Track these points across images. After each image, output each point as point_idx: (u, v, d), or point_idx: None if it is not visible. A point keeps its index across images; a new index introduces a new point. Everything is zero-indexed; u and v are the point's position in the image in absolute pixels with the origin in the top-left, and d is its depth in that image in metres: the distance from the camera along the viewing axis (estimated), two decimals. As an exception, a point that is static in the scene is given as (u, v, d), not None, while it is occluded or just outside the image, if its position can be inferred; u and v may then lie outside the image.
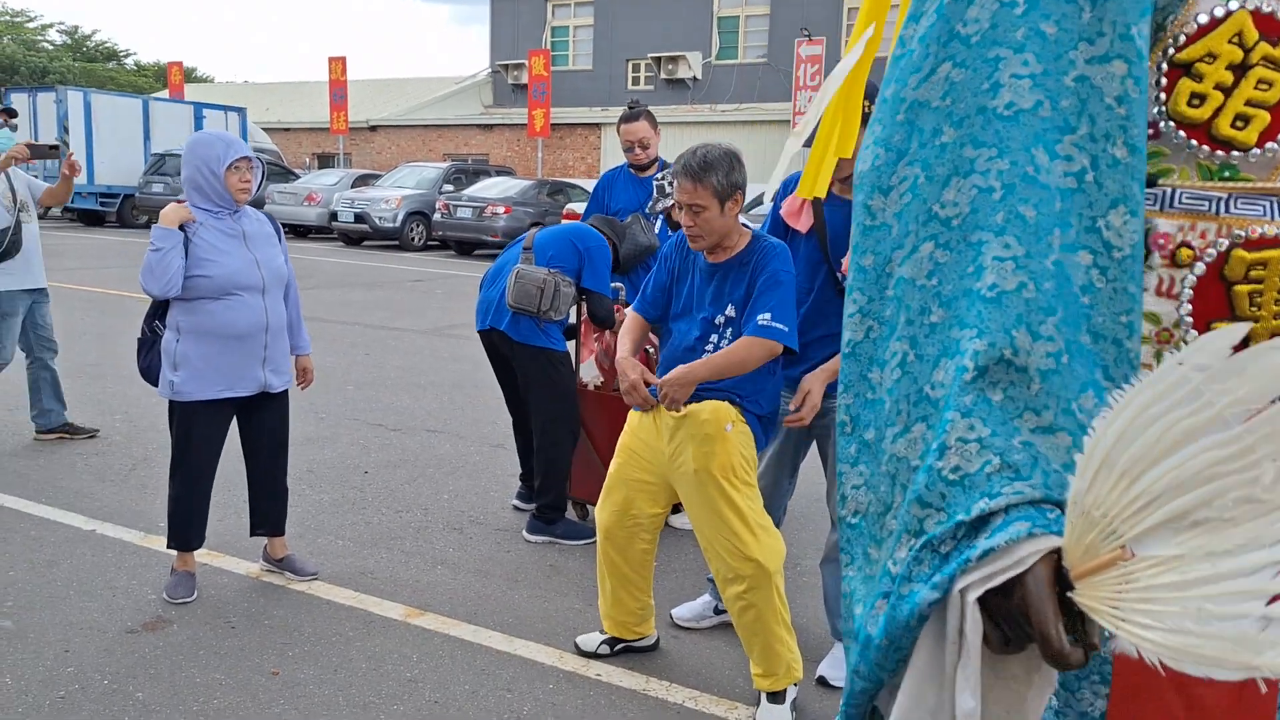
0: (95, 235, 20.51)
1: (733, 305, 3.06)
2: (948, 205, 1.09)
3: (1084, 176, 1.06)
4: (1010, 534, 0.92)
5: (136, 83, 47.27)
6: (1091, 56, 1.07)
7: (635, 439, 3.20)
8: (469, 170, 21.87)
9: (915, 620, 0.98)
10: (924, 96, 1.14)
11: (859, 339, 1.16)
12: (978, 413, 0.99)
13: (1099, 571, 0.88)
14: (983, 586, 0.92)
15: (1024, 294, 1.02)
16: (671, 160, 4.93)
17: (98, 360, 7.93)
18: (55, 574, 3.92)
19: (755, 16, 26.45)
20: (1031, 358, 1.00)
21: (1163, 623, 0.83)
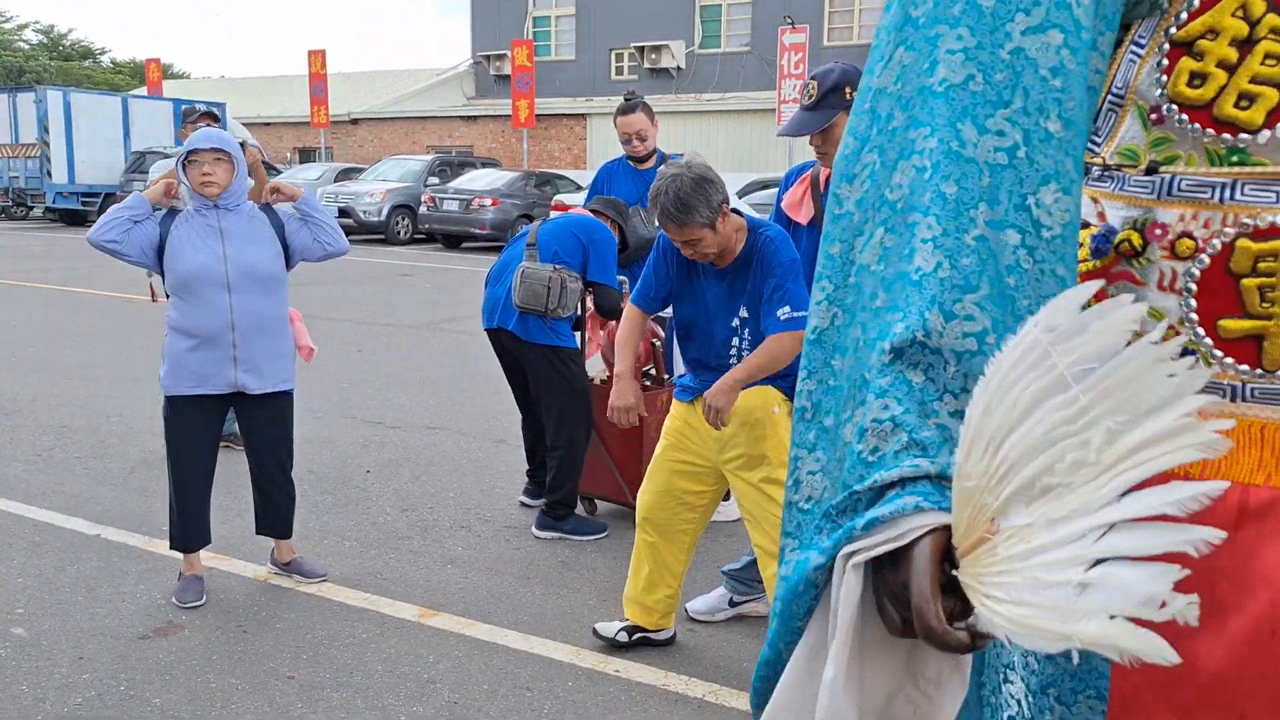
0: (78, 235, 20.32)
1: (744, 306, 3.10)
2: (894, 189, 1.06)
3: (1015, 152, 1.01)
4: (897, 506, 0.89)
5: (113, 80, 46.88)
6: (1027, 27, 1.02)
7: (683, 422, 3.24)
8: (454, 162, 21.79)
9: (804, 585, 0.96)
10: (883, 83, 1.11)
11: (824, 326, 1.13)
12: (893, 393, 0.96)
13: (976, 548, 0.84)
14: (864, 555, 0.89)
15: (939, 273, 0.98)
16: (669, 152, 4.92)
17: (90, 362, 7.86)
18: (63, 580, 3.89)
19: (738, 4, 26.39)
20: (944, 339, 0.96)
21: (1009, 595, 0.80)
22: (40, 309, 10.50)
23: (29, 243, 18.32)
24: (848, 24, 25.15)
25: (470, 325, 9.72)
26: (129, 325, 9.46)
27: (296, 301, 4.17)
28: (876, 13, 24.43)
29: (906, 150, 1.06)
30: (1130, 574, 0.76)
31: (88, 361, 7.87)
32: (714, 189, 2.96)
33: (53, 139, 21.42)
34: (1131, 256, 1.11)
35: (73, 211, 22.44)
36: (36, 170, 21.83)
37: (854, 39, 24.91)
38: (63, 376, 7.38)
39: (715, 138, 23.72)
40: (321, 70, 26.82)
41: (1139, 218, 1.10)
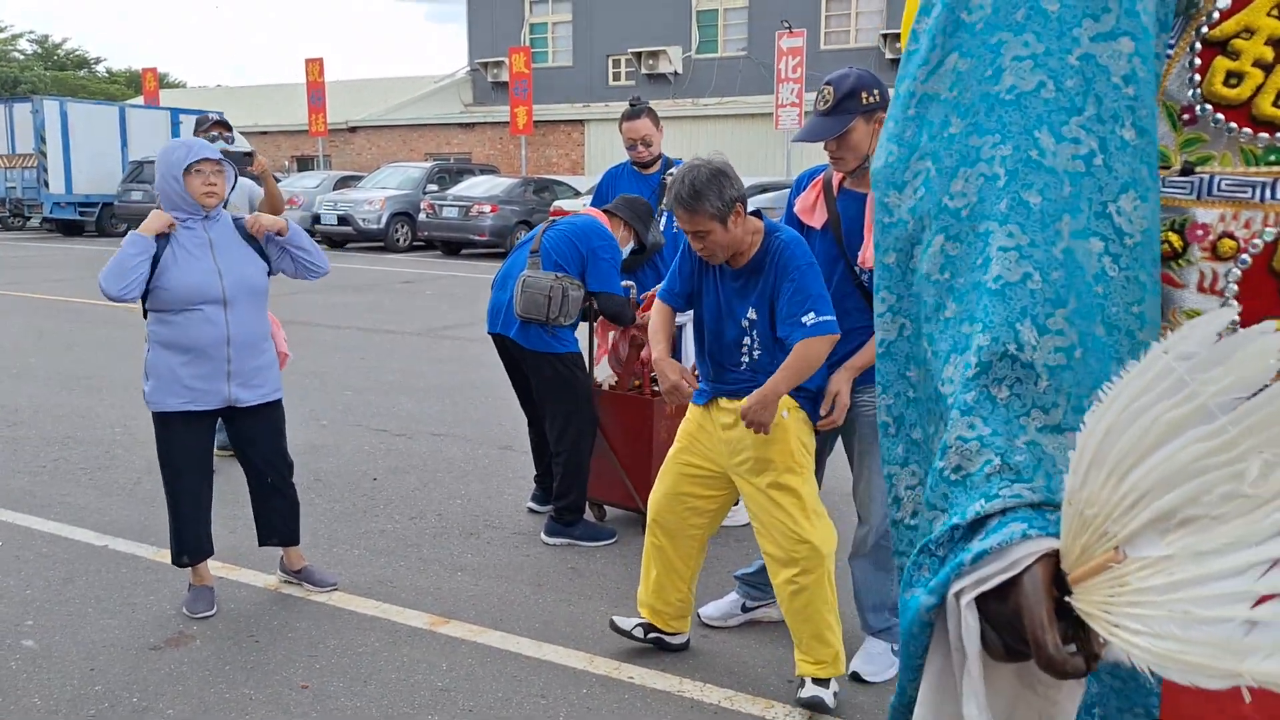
0: (75, 245, 20.33)
1: (754, 308, 3.09)
2: (956, 196, 1.06)
3: (1092, 160, 1.01)
4: (1004, 536, 0.88)
5: (108, 90, 46.88)
6: (1097, 34, 1.02)
7: (696, 426, 3.24)
8: (452, 169, 21.79)
9: (918, 627, 0.96)
10: (932, 89, 1.11)
11: (892, 338, 1.13)
12: (979, 410, 0.95)
13: (1094, 574, 0.84)
14: (976, 590, 0.89)
15: (1029, 285, 0.97)
16: (675, 157, 4.91)
17: (91, 372, 7.84)
18: (72, 591, 3.87)
19: (734, 9, 26.42)
20: (1038, 353, 0.95)
21: (1149, 628, 0.79)
22: (40, 319, 10.49)
23: (27, 253, 18.30)
24: (844, 28, 25.18)
25: (472, 332, 9.71)
26: (130, 334, 9.42)
27: (297, 310, 4.16)
28: (874, 16, 24.50)
29: (969, 158, 1.05)
30: None
31: (90, 372, 7.86)
32: (729, 184, 2.96)
33: (49, 149, 21.41)
34: (1171, 258, 1.09)
35: (70, 221, 22.43)
36: (34, 181, 21.82)
37: (851, 42, 24.94)
38: (65, 387, 7.36)
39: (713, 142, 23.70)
40: (319, 79, 26.83)
41: (1177, 219, 1.09)
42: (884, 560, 3.30)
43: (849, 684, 3.26)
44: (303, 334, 9.50)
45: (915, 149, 1.11)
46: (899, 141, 1.13)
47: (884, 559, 3.30)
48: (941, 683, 0.96)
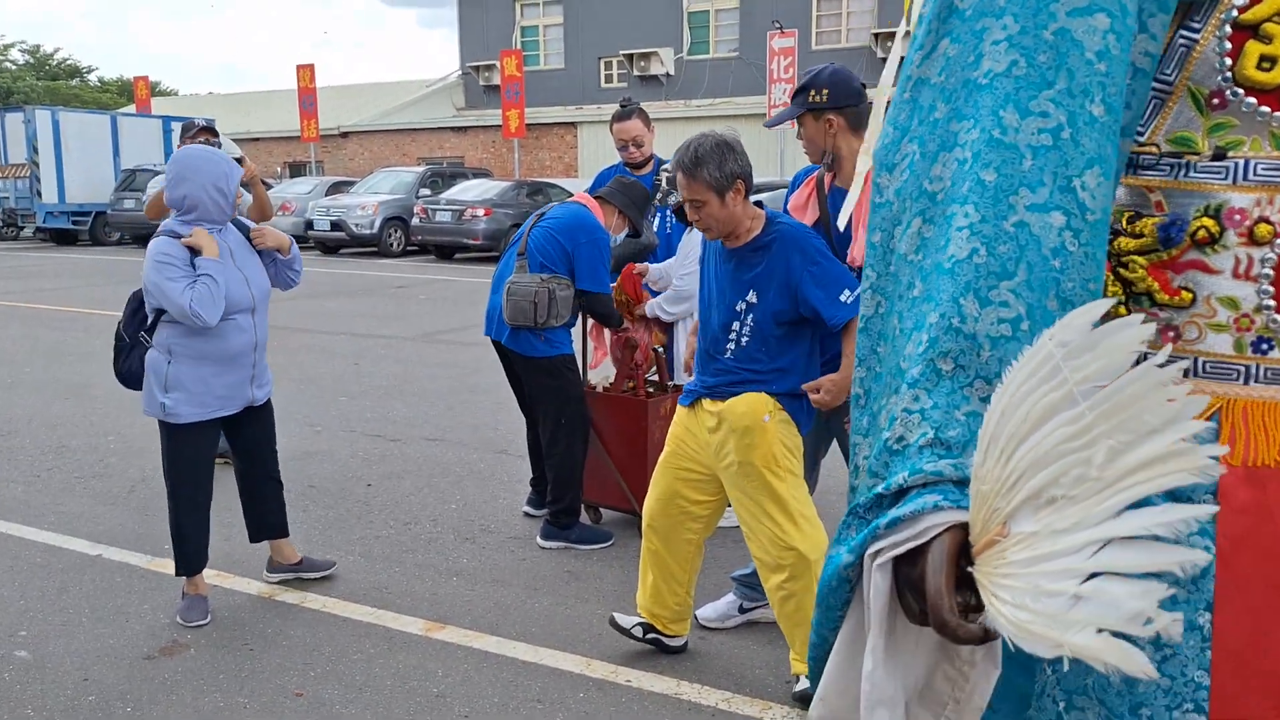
0: (69, 254, 20.28)
1: (754, 290, 3.02)
2: (934, 180, 1.08)
3: (1060, 133, 1.01)
4: (917, 505, 0.92)
5: (100, 99, 46.87)
6: (1073, 9, 1.03)
7: (684, 429, 3.21)
8: (445, 173, 21.77)
9: (836, 582, 1.00)
10: (925, 74, 1.13)
11: (870, 314, 1.15)
12: (924, 383, 0.99)
13: (988, 548, 0.89)
14: (890, 553, 0.94)
15: (974, 260, 1.00)
16: (667, 158, 4.90)
17: (86, 381, 7.81)
18: (66, 601, 3.85)
19: (725, 10, 26.43)
20: (980, 324, 0.98)
21: (1013, 598, 0.84)
22: (34, 329, 10.45)
23: (21, 263, 18.24)
24: (836, 27, 25.19)
25: (466, 336, 9.69)
26: (124, 343, 9.41)
27: (291, 317, 4.15)
28: (865, 16, 24.51)
29: (949, 143, 1.07)
30: (1120, 590, 0.80)
31: (84, 381, 7.83)
32: (733, 157, 2.95)
33: (42, 159, 21.37)
34: (1206, 244, 1.09)
35: (63, 231, 22.38)
36: (27, 190, 21.78)
37: (842, 42, 24.94)
38: (59, 396, 7.33)
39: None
40: (310, 84, 26.82)
41: (1211, 204, 1.09)
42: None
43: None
44: (296, 340, 9.48)
45: (906, 132, 1.13)
46: (894, 124, 1.15)
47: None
48: (855, 636, 1.01)
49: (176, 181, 3.55)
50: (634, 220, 4.39)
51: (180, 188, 3.55)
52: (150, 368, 3.59)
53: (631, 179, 4.49)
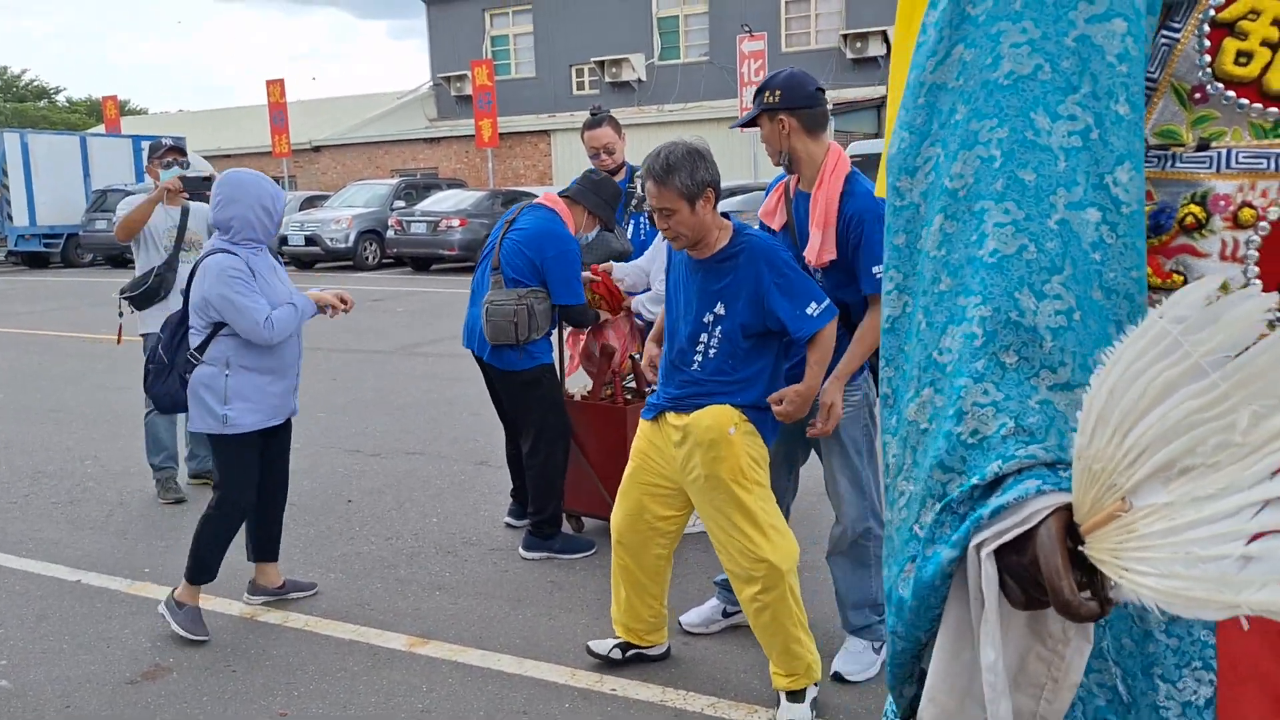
0: (42, 277, 20.12)
1: (721, 302, 3.01)
2: (955, 178, 1.12)
3: (1089, 135, 1.07)
4: (1019, 491, 0.95)
5: (70, 120, 46.51)
6: (1091, 15, 1.08)
7: (648, 443, 3.19)
8: (419, 185, 21.71)
9: (939, 580, 1.01)
10: (940, 79, 1.17)
11: (897, 314, 1.19)
12: (990, 377, 1.02)
13: (1104, 524, 0.91)
14: (995, 542, 0.96)
15: (1024, 256, 1.04)
16: (640, 164, 4.90)
17: (61, 405, 7.75)
18: (46, 628, 3.82)
19: (694, 15, 26.49)
20: (1039, 317, 1.02)
21: (1156, 569, 0.86)
22: (8, 353, 10.36)
23: (-8, 287, 18.06)
24: (805, 29, 25.30)
25: (445, 348, 9.67)
26: (99, 366, 9.35)
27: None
28: (833, 18, 24.63)
29: (969, 141, 1.11)
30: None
31: (59, 405, 7.77)
32: (704, 165, 2.95)
33: (12, 182, 21.18)
34: (1194, 229, 1.16)
35: (35, 254, 22.19)
36: None
37: (812, 44, 25.05)
38: (35, 421, 7.27)
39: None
40: (281, 99, 26.69)
41: (1198, 192, 1.15)
42: (862, 558, 3.31)
43: (831, 684, 3.26)
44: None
45: (926, 136, 1.17)
46: (910, 129, 1.19)
47: (862, 556, 3.31)
48: (959, 631, 1.03)
49: (226, 203, 3.63)
50: (604, 219, 4.37)
51: (229, 209, 3.62)
52: (202, 383, 3.65)
53: (601, 176, 4.46)
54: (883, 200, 3.20)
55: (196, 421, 3.71)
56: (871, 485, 3.29)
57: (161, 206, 5.23)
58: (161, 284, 5.19)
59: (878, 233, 3.13)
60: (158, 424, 5.32)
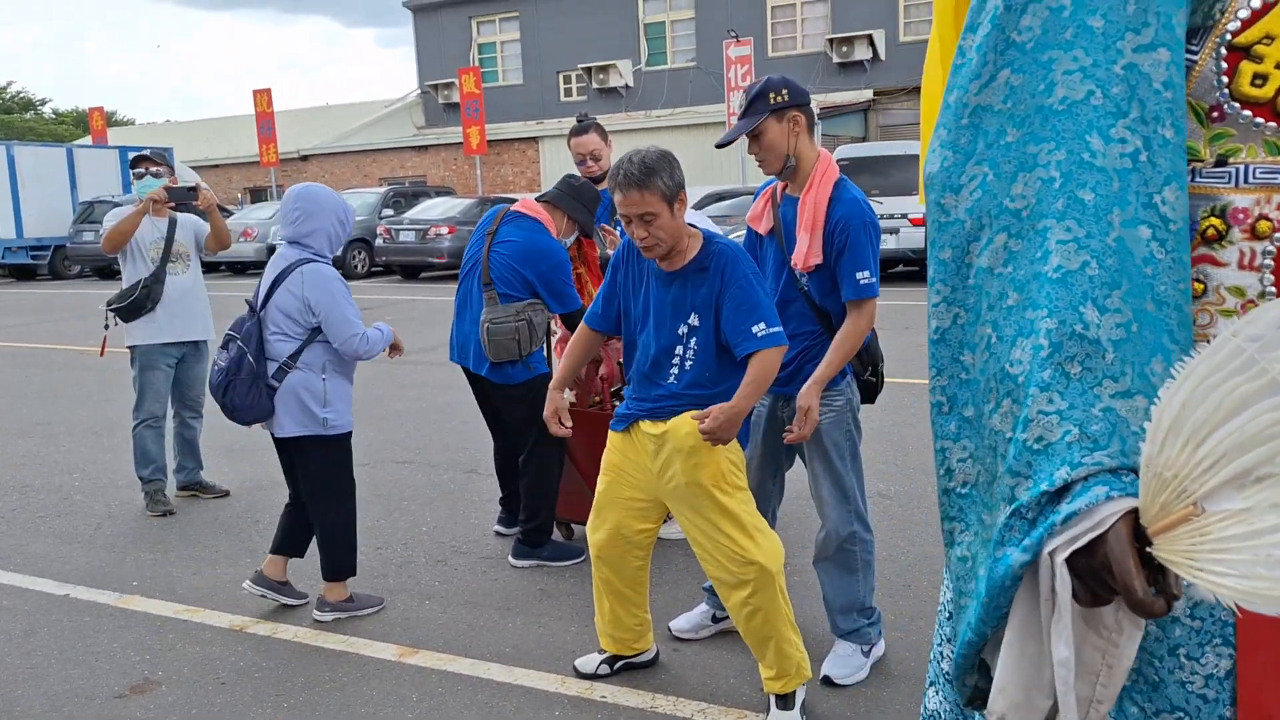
0: (29, 289, 20.05)
1: (696, 313, 2.99)
2: (1017, 198, 1.19)
3: (1138, 157, 1.14)
4: (1090, 498, 1.01)
5: (56, 131, 46.39)
6: (1138, 45, 1.16)
7: (622, 457, 3.16)
8: (408, 193, 21.71)
9: (1010, 581, 1.07)
10: (986, 101, 1.24)
11: (946, 325, 1.25)
12: (1055, 386, 1.08)
13: (1173, 527, 0.97)
14: (1069, 548, 1.01)
15: (1087, 271, 1.11)
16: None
17: (48, 418, 7.73)
18: (34, 644, 3.80)
19: (681, 21, 26.56)
20: (1101, 330, 1.08)
21: (1236, 570, 0.92)
22: None
23: (-21, 300, 17.99)
24: (791, 34, 25.37)
25: (434, 356, 9.66)
26: (86, 378, 9.32)
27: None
28: (819, 22, 24.70)
29: (1028, 164, 1.19)
30: None
31: (46, 418, 7.74)
32: (676, 168, 2.92)
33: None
34: (1215, 240, 1.24)
35: (22, 266, 22.10)
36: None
37: (798, 48, 25.13)
38: (22, 434, 7.25)
39: None
40: (268, 109, 26.66)
41: (1217, 205, 1.24)
42: (849, 562, 3.32)
43: (820, 688, 3.27)
44: (262, 367, 9.41)
45: (971, 155, 1.24)
46: (954, 148, 1.26)
47: (848, 561, 3.32)
48: (1024, 628, 1.09)
49: (305, 217, 3.81)
50: (583, 224, 4.38)
51: (310, 222, 3.82)
52: (300, 388, 3.80)
53: (581, 181, 4.47)
54: (870, 207, 3.22)
55: (290, 426, 3.81)
56: (856, 489, 3.30)
57: (149, 218, 5.22)
58: (149, 296, 5.18)
59: (864, 238, 3.14)
60: (146, 436, 5.30)
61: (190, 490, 5.58)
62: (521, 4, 28.28)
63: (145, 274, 5.20)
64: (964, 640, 1.16)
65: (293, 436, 3.84)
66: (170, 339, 5.29)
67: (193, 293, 5.37)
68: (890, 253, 14.68)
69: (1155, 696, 1.24)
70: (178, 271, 5.30)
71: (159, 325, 5.24)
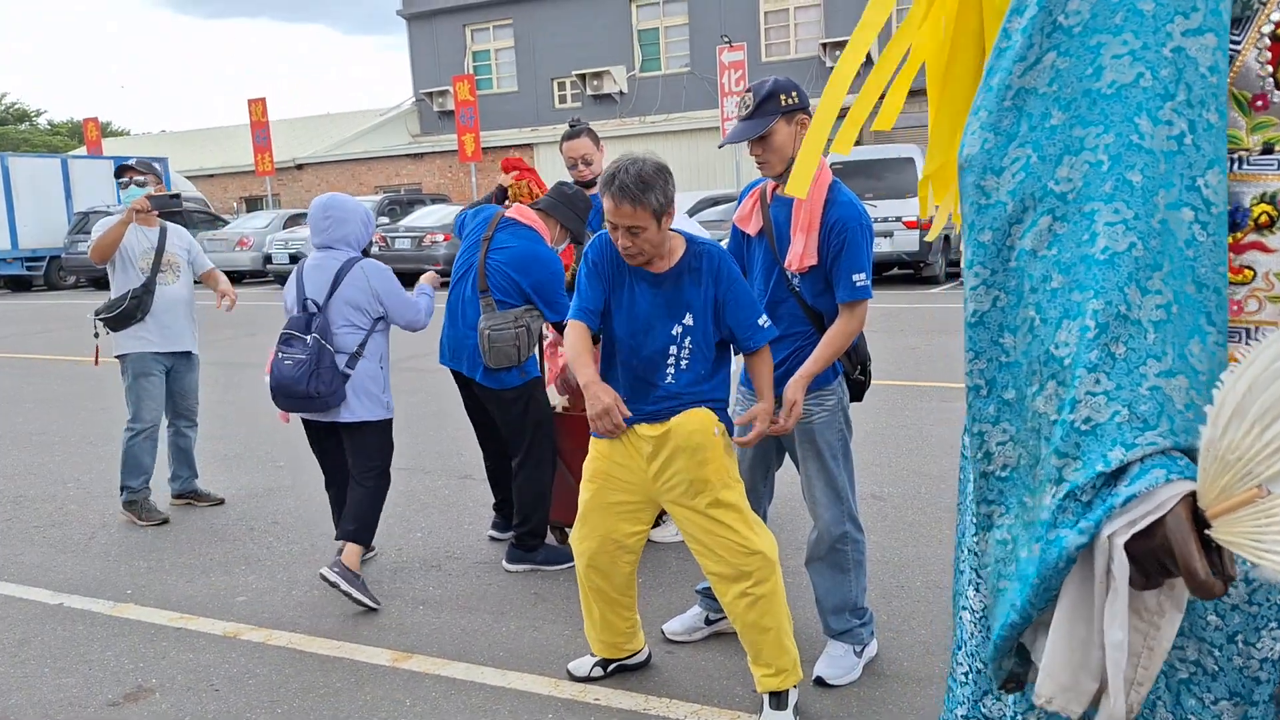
0: (25, 300, 20.04)
1: (690, 313, 3.00)
2: (1062, 181, 1.19)
3: (1183, 140, 1.15)
4: (1149, 481, 1.01)
5: (51, 142, 46.39)
6: (1187, 29, 1.17)
7: (609, 463, 3.13)
8: (403, 201, 21.74)
9: (1064, 563, 1.07)
10: (1030, 83, 1.24)
11: (985, 309, 1.24)
12: (1102, 367, 1.08)
13: (1234, 510, 0.97)
14: (1129, 531, 1.02)
15: (1133, 253, 1.11)
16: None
17: (41, 428, 7.72)
18: (27, 653, 3.80)
19: (674, 27, 26.62)
20: (1143, 311, 1.09)
21: None
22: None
23: (-26, 312, 17.99)
24: (784, 39, 25.43)
25: (428, 362, 9.65)
26: (81, 389, 9.31)
27: (250, 351, 4.14)
28: (812, 27, 24.75)
29: (1074, 147, 1.19)
30: None
31: (41, 428, 7.74)
32: (670, 183, 2.94)
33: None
34: (1266, 227, 1.26)
35: (17, 278, 22.10)
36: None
37: (791, 53, 25.18)
38: (16, 444, 7.24)
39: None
40: (263, 118, 26.67)
41: (1268, 192, 1.26)
42: (840, 562, 3.32)
43: (813, 689, 3.27)
44: (257, 375, 9.41)
45: (1014, 137, 1.24)
46: (995, 130, 1.25)
47: (840, 561, 3.32)
48: (1074, 610, 1.09)
49: (337, 223, 4.25)
50: (575, 232, 4.40)
51: (342, 228, 4.26)
52: (368, 377, 4.22)
53: (574, 189, 4.49)
54: (864, 209, 3.22)
55: (360, 411, 4.20)
56: (848, 489, 3.30)
57: (138, 228, 5.20)
58: (139, 306, 5.16)
59: (860, 241, 3.15)
60: (143, 448, 5.27)
61: (185, 498, 5.57)
62: (515, 11, 28.34)
63: (136, 284, 5.19)
64: (1007, 622, 1.15)
65: (358, 421, 4.22)
66: (160, 349, 5.27)
67: (183, 303, 5.35)
68: (884, 256, 14.72)
69: (1214, 685, 1.25)
70: (168, 281, 5.29)
71: (149, 335, 5.22)
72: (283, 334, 4.18)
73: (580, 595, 3.35)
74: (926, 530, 4.68)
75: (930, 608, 3.86)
